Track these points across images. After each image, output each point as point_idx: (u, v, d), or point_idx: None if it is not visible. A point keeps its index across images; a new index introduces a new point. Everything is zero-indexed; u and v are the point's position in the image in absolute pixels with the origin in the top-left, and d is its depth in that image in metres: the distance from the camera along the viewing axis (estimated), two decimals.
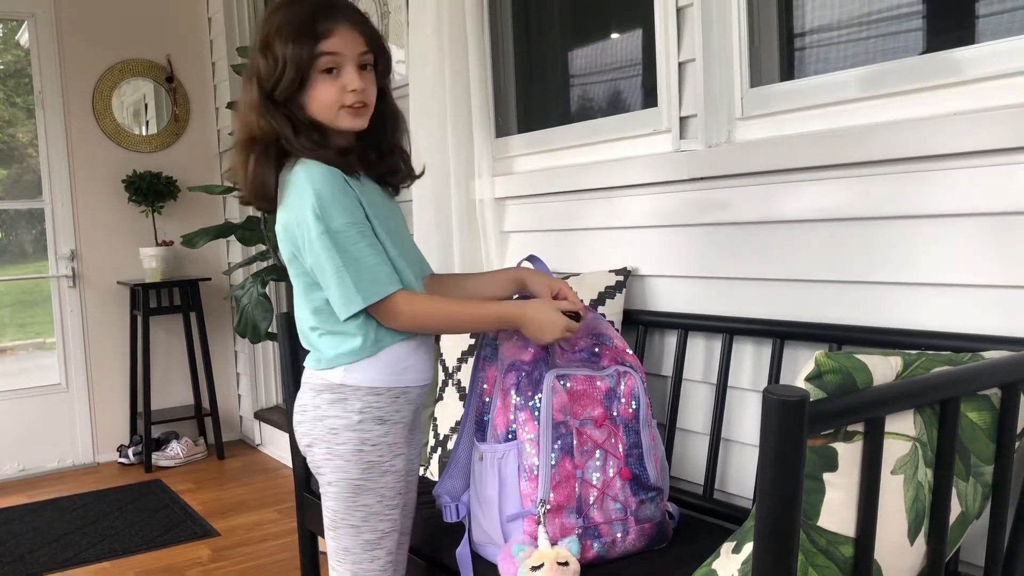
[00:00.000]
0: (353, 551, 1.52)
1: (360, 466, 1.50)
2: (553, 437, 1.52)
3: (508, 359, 1.59)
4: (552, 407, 1.53)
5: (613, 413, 1.58)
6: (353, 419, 1.49)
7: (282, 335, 2.19)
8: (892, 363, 1.13)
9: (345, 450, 1.50)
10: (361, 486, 1.50)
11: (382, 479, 1.51)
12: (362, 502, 1.51)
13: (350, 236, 1.42)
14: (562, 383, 1.55)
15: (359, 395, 1.49)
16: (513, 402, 1.55)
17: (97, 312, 4.24)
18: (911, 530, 1.14)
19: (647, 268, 2.05)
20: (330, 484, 1.52)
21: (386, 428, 1.51)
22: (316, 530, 2.15)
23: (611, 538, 1.55)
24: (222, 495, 3.68)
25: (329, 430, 1.51)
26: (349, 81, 1.45)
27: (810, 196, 1.67)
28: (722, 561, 1.18)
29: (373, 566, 1.52)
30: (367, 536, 1.51)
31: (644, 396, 1.62)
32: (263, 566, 2.88)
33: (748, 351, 1.82)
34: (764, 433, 0.96)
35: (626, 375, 1.61)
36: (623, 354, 1.66)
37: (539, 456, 1.51)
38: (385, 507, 1.51)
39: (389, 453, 1.51)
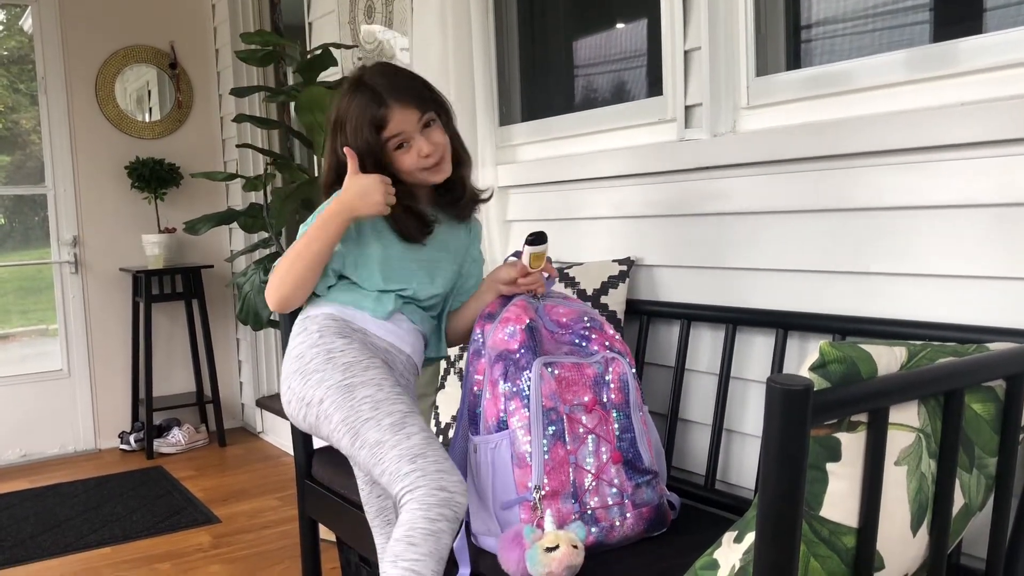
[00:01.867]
0: (385, 439, 1.44)
1: (338, 369, 1.52)
2: (544, 423, 1.52)
3: (495, 349, 1.58)
4: (541, 393, 1.53)
5: (603, 399, 1.58)
6: (314, 337, 1.56)
7: (283, 322, 2.18)
8: (897, 354, 1.12)
9: (317, 363, 1.53)
10: (350, 384, 1.50)
11: (367, 373, 1.52)
12: (361, 396, 1.49)
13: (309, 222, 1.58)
14: (550, 370, 1.55)
15: (318, 320, 1.59)
16: (502, 391, 1.55)
17: (99, 299, 4.24)
18: (914, 521, 1.14)
19: (651, 258, 2.04)
20: (321, 402, 1.51)
21: (347, 340, 1.56)
22: (317, 517, 2.15)
23: (609, 523, 1.54)
24: (223, 482, 3.69)
25: (296, 358, 1.56)
26: (420, 148, 1.59)
27: (815, 186, 1.66)
28: (724, 551, 1.17)
29: (413, 442, 1.44)
30: (388, 420, 1.45)
31: (633, 381, 1.62)
32: (264, 553, 2.89)
33: (751, 342, 1.81)
34: (767, 422, 0.96)
35: (613, 361, 1.61)
36: (612, 340, 1.66)
37: (531, 442, 1.51)
38: (388, 393, 1.50)
39: (361, 353, 1.55)
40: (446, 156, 1.63)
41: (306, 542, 2.21)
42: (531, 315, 1.62)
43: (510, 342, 1.57)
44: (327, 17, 3.36)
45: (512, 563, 1.45)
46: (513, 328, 1.59)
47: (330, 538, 2.80)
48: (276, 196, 2.82)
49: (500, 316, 1.62)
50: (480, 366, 1.64)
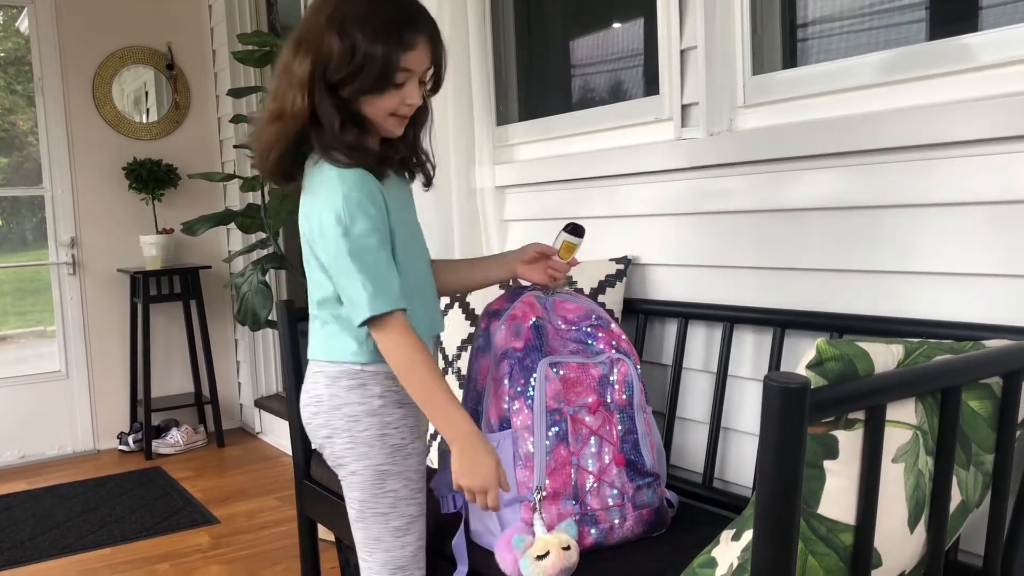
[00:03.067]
0: (384, 539, 1.50)
1: (385, 451, 1.48)
2: (547, 424, 1.52)
3: (501, 348, 1.58)
4: (545, 394, 1.53)
5: (607, 400, 1.58)
6: (375, 404, 1.47)
7: (282, 323, 2.18)
8: (894, 351, 1.13)
9: (368, 436, 1.47)
10: (387, 471, 1.49)
11: (407, 462, 1.50)
12: (389, 487, 1.49)
13: (368, 245, 1.37)
14: (555, 371, 1.55)
15: (378, 379, 1.47)
16: (506, 391, 1.55)
17: (97, 300, 4.24)
18: (911, 518, 1.14)
19: (648, 257, 2.04)
20: (354, 474, 1.49)
21: (405, 411, 1.50)
22: (316, 517, 2.15)
23: (608, 524, 1.55)
24: (222, 483, 3.68)
25: (350, 418, 1.47)
26: (410, 95, 1.41)
27: (812, 184, 1.66)
28: (721, 548, 1.17)
29: (404, 552, 1.51)
30: (396, 523, 1.50)
31: (638, 382, 1.62)
32: (262, 553, 2.89)
33: (748, 340, 1.82)
34: (765, 420, 0.96)
35: (619, 362, 1.61)
36: (618, 339, 1.66)
37: (533, 443, 1.51)
38: (412, 491, 1.51)
39: (411, 435, 1.51)
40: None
41: (305, 542, 2.21)
42: (538, 312, 1.62)
43: (515, 341, 1.57)
44: None
45: (509, 564, 1.46)
46: (519, 326, 1.58)
47: (329, 538, 2.80)
48: (273, 196, 2.82)
49: (507, 313, 1.62)
50: (484, 364, 1.64)
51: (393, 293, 1.38)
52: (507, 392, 1.55)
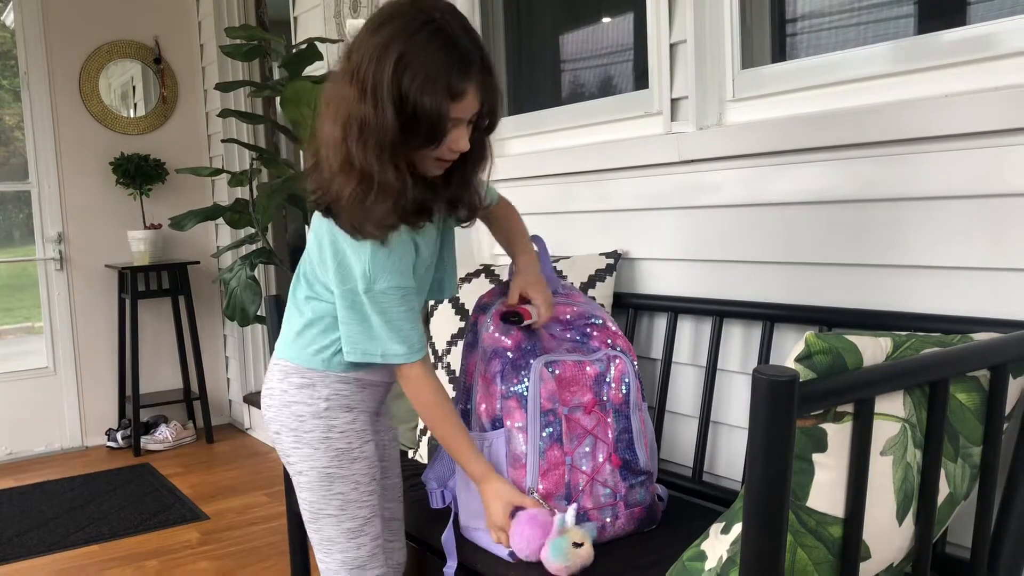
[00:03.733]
0: (337, 540, 1.50)
1: (329, 454, 1.47)
2: (542, 425, 1.51)
3: (490, 346, 1.57)
4: (540, 395, 1.52)
5: (603, 398, 1.58)
6: (320, 406, 1.48)
7: (271, 318, 2.17)
8: (882, 344, 1.13)
9: (312, 438, 1.47)
10: (333, 474, 1.48)
11: (353, 466, 1.49)
12: (336, 490, 1.49)
13: (392, 299, 1.38)
14: (550, 370, 1.54)
15: (327, 382, 1.48)
16: (498, 390, 1.54)
17: (85, 295, 4.21)
18: (899, 511, 1.14)
19: (637, 251, 2.04)
20: (301, 474, 1.50)
21: (353, 415, 1.50)
22: None
23: (601, 523, 1.54)
24: (211, 479, 3.67)
25: (296, 417, 1.48)
26: (456, 142, 1.33)
27: (801, 178, 1.67)
28: (711, 542, 1.18)
29: (361, 553, 1.51)
30: (348, 524, 1.49)
31: (635, 380, 1.61)
32: (252, 549, 2.88)
33: (737, 334, 1.82)
34: (753, 413, 0.96)
35: (616, 359, 1.60)
36: (615, 336, 1.65)
37: (527, 444, 1.51)
38: (362, 494, 1.50)
39: (358, 440, 1.50)
40: None
41: (294, 538, 2.21)
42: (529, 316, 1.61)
43: (504, 340, 1.56)
44: (312, 11, 3.34)
45: (525, 540, 1.43)
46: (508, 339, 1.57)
47: None
48: (261, 192, 2.81)
49: (494, 309, 1.61)
50: (472, 360, 1.63)
51: (413, 342, 1.42)
52: (499, 392, 1.54)
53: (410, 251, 1.41)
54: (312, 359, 1.48)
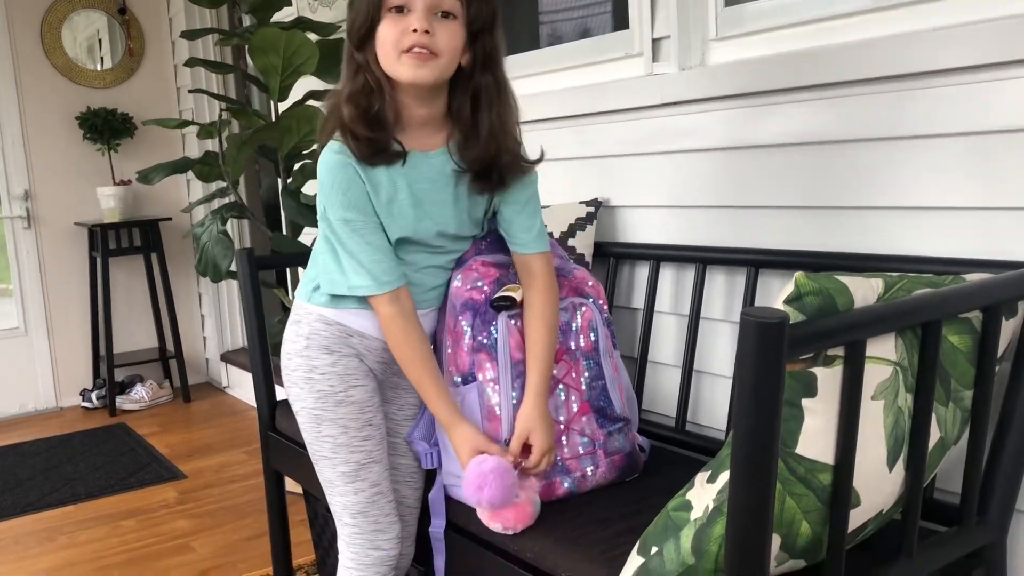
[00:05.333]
0: (335, 484, 1.49)
1: (313, 394, 1.47)
2: (513, 376, 1.48)
3: (458, 298, 1.52)
4: (509, 346, 1.48)
5: (571, 347, 1.54)
6: (300, 344, 1.48)
7: (242, 271, 2.11)
8: (873, 285, 1.09)
9: (297, 377, 1.48)
10: (319, 416, 1.47)
11: (339, 410, 1.46)
12: (326, 433, 1.47)
13: (344, 230, 1.38)
14: (514, 322, 1.50)
15: (310, 320, 1.49)
16: (469, 344, 1.50)
17: (54, 254, 4.12)
18: (890, 457, 1.11)
19: (619, 199, 1.99)
20: (297, 413, 1.51)
21: (333, 359, 1.47)
22: (282, 470, 2.10)
23: (580, 473, 1.51)
24: (188, 437, 3.63)
25: (285, 354, 1.51)
26: (412, 21, 1.30)
27: (786, 119, 1.61)
28: (696, 491, 1.14)
29: (359, 498, 1.48)
30: (343, 468, 1.47)
31: (603, 327, 1.57)
32: (230, 507, 2.84)
33: (721, 281, 1.78)
34: (741, 357, 0.92)
35: (582, 307, 1.56)
36: (582, 285, 1.61)
37: (500, 395, 1.47)
38: (352, 439, 1.47)
39: (342, 384, 1.47)
40: (440, 58, 1.33)
41: (272, 495, 2.17)
42: (501, 273, 1.55)
43: (474, 292, 1.51)
44: None
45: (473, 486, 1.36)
46: (480, 280, 1.52)
47: (297, 490, 2.76)
48: (231, 143, 2.72)
49: (467, 263, 1.56)
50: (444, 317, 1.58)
51: (375, 277, 1.39)
52: (470, 345, 1.50)
53: (357, 185, 1.38)
54: (302, 292, 1.51)
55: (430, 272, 1.50)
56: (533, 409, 1.43)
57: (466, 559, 1.50)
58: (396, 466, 1.59)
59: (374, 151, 1.37)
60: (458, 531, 1.52)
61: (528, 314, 1.48)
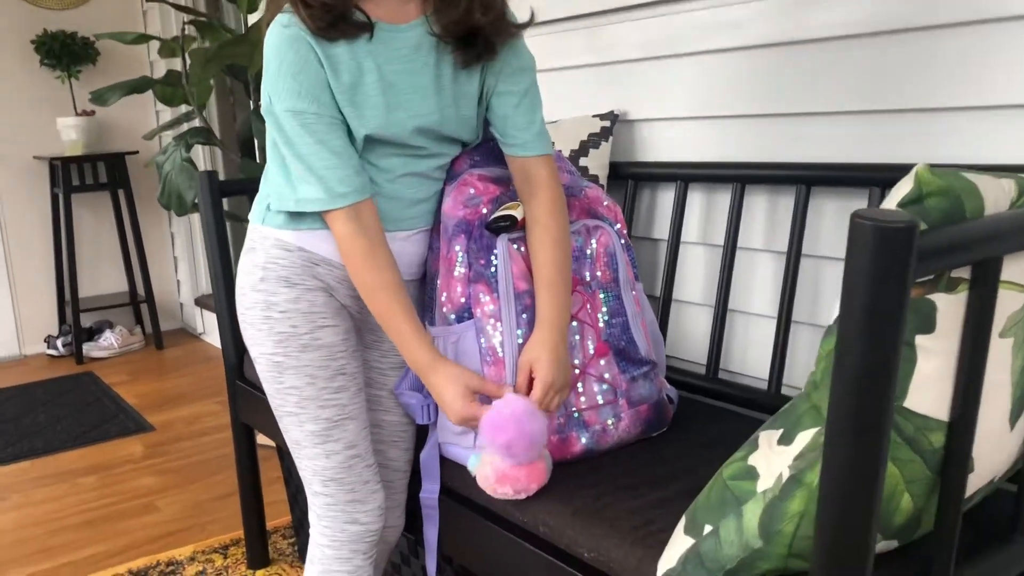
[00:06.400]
0: (303, 444, 1.24)
1: (272, 337, 1.21)
2: (518, 309, 1.22)
3: (451, 218, 1.26)
4: (512, 274, 1.23)
5: (585, 277, 1.28)
6: (256, 276, 1.22)
7: (204, 198, 1.84)
8: (1005, 187, 0.83)
9: (254, 316, 1.22)
10: (281, 364, 1.21)
11: (304, 356, 1.20)
12: (289, 384, 1.21)
13: (293, 126, 1.12)
14: (516, 247, 1.24)
15: (266, 246, 1.23)
16: (464, 274, 1.24)
17: (12, 191, 3.81)
18: (1013, 411, 0.87)
19: (639, 111, 1.72)
20: (255, 361, 1.26)
21: (295, 293, 1.20)
22: (252, 423, 1.85)
23: (600, 426, 1.27)
24: (159, 387, 3.37)
25: (239, 290, 1.25)
26: None
27: (843, 5, 1.34)
28: (763, 454, 0.89)
29: (330, 463, 1.22)
30: (311, 427, 1.22)
31: (623, 253, 1.32)
32: (201, 462, 2.60)
33: (762, 204, 1.52)
34: (851, 276, 0.67)
35: (597, 231, 1.31)
36: (596, 205, 1.35)
37: (503, 334, 1.21)
38: (321, 391, 1.21)
39: (306, 324, 1.20)
40: None
41: (241, 450, 1.92)
42: (501, 190, 1.29)
43: (469, 211, 1.25)
44: None
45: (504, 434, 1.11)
46: (477, 198, 1.26)
47: (272, 444, 2.52)
48: (195, 60, 2.42)
49: (461, 177, 1.30)
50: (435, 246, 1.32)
51: (327, 187, 1.13)
52: (464, 275, 1.24)
53: (311, 66, 1.11)
54: (255, 213, 1.26)
55: (410, 182, 1.23)
56: (540, 339, 1.18)
57: (463, 530, 1.26)
58: (379, 424, 1.34)
59: (330, 21, 1.09)
60: (455, 497, 1.28)
61: (533, 232, 1.22)
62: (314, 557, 1.27)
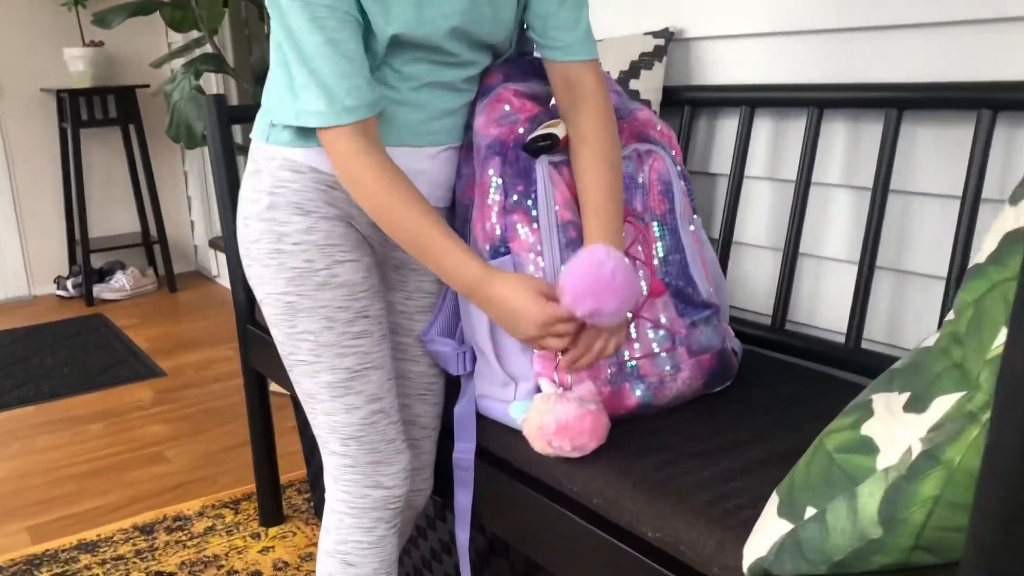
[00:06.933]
0: (319, 397, 1.07)
1: (283, 274, 1.04)
2: (562, 242, 1.05)
3: (485, 136, 1.09)
4: (554, 201, 1.06)
5: (637, 208, 1.11)
6: (262, 203, 1.05)
7: (212, 124, 1.67)
8: None
9: (260, 250, 1.06)
10: (293, 304, 1.05)
11: (320, 295, 1.04)
12: (302, 328, 1.05)
13: (302, 23, 0.94)
14: (559, 170, 1.08)
15: (272, 167, 1.05)
16: (498, 203, 1.07)
17: (20, 125, 3.65)
18: None
19: (697, 28, 1.52)
20: (263, 303, 1.09)
21: (308, 222, 1.04)
22: (262, 369, 1.71)
23: (657, 377, 1.10)
24: (172, 331, 3.24)
25: (243, 220, 1.08)
26: None
27: None
28: (881, 422, 0.73)
29: (351, 418, 1.06)
30: (328, 377, 1.06)
31: (679, 182, 1.15)
32: (211, 410, 2.47)
33: (841, 132, 1.33)
34: None
35: (650, 156, 1.13)
36: (647, 129, 1.17)
37: (545, 270, 1.05)
38: (339, 336, 1.05)
39: (323, 258, 1.04)
40: None
41: (253, 400, 1.78)
42: (540, 109, 1.12)
43: (504, 130, 1.07)
44: None
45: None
46: (513, 114, 1.09)
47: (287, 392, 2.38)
48: None
49: (495, 92, 1.12)
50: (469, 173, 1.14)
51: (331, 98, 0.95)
52: (499, 204, 1.07)
53: None
54: (259, 129, 1.09)
55: (437, 92, 1.06)
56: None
57: (501, 498, 1.10)
58: (405, 375, 1.18)
59: None
60: (491, 460, 1.12)
61: (579, 152, 1.05)
62: (330, 526, 1.12)
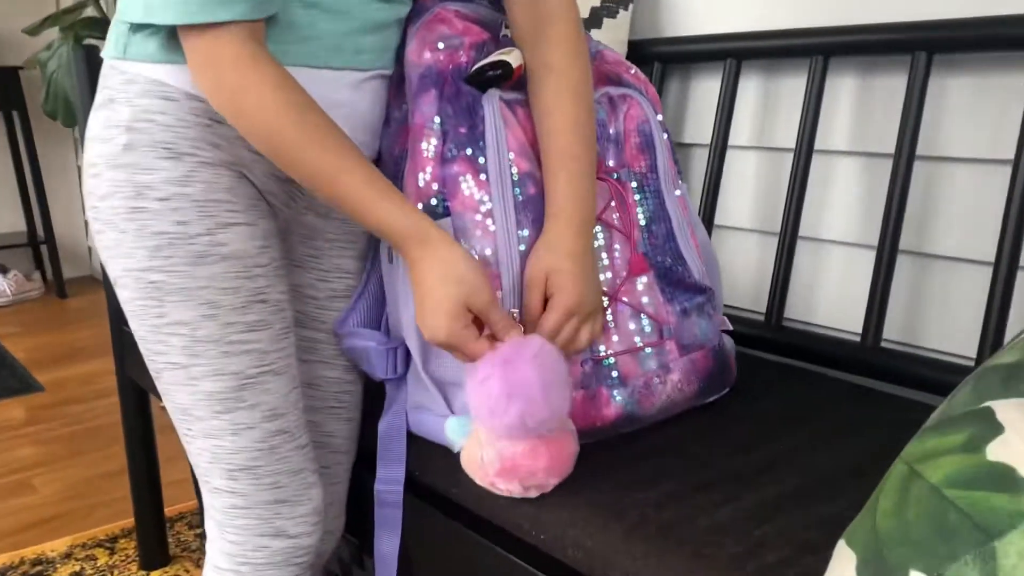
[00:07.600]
0: (197, 414, 0.78)
1: (145, 242, 0.75)
2: (518, 201, 0.80)
3: (417, 66, 0.83)
4: (507, 147, 0.80)
5: (609, 163, 0.87)
6: (118, 143, 0.75)
7: (80, 77, 1.37)
8: None
9: (113, 209, 0.76)
10: (159, 284, 0.75)
11: (199, 271, 0.75)
12: (174, 317, 0.76)
13: None
14: (512, 110, 0.83)
15: (129, 94, 0.75)
16: (435, 148, 0.81)
17: None
18: None
19: None
20: (116, 283, 0.79)
21: (183, 168, 0.75)
22: (143, 383, 1.41)
23: (642, 379, 0.85)
24: (56, 340, 2.88)
25: (90, 167, 0.78)
26: None
27: None
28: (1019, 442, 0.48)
29: (241, 442, 0.77)
30: (208, 385, 0.76)
31: (661, 134, 0.90)
32: (92, 430, 2.13)
33: (849, 88, 1.10)
34: None
35: (624, 101, 0.89)
36: (619, 71, 0.93)
37: (497, 235, 0.79)
38: (224, 327, 0.76)
39: (201, 217, 0.75)
40: None
41: (129, 416, 1.48)
42: (487, 36, 0.86)
43: (442, 56, 0.82)
44: None
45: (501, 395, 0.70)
46: (454, 37, 0.83)
47: None
48: None
49: (429, 13, 0.85)
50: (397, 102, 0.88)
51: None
52: (436, 151, 0.81)
53: None
54: (112, 43, 0.78)
55: (357, 2, 0.78)
56: (556, 240, 0.77)
57: (438, 546, 0.83)
58: (314, 382, 0.89)
59: None
60: (426, 494, 0.85)
61: (544, 83, 0.81)
62: None
